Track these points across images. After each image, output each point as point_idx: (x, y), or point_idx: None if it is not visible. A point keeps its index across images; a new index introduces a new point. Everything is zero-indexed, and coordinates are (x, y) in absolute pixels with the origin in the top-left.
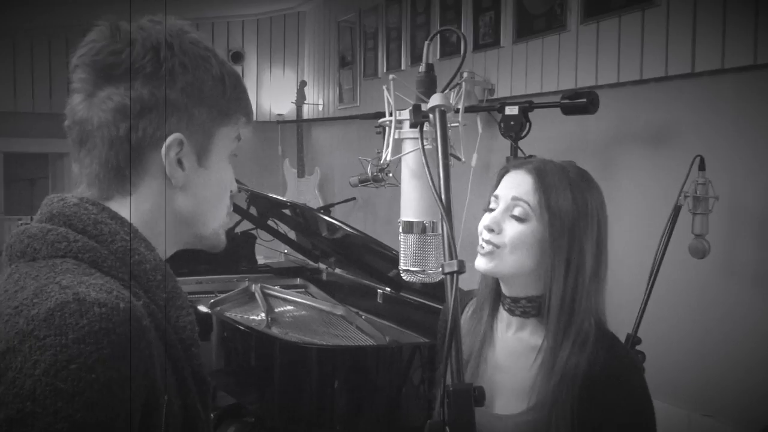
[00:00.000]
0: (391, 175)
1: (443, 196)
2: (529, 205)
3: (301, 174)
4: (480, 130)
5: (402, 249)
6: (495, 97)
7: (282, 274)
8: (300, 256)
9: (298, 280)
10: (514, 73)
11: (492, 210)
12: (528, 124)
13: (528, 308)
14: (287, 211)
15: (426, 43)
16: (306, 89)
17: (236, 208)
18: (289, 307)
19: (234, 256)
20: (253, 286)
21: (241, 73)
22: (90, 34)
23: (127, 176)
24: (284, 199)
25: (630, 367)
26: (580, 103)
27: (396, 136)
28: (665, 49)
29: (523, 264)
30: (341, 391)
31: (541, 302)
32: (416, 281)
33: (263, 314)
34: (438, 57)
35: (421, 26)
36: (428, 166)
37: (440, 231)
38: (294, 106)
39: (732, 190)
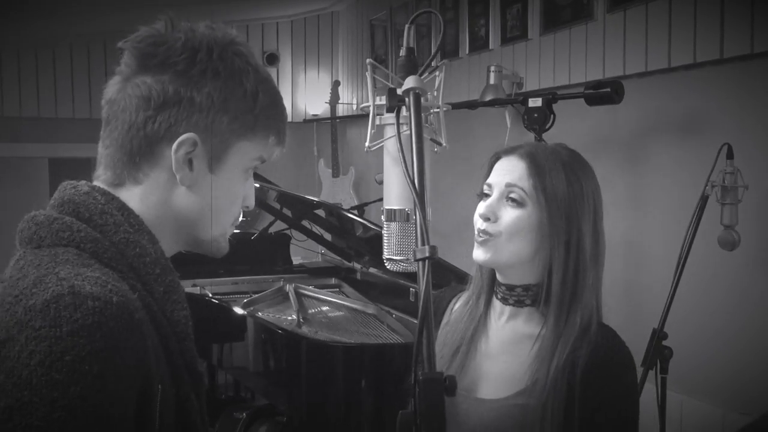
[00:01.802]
0: None
1: (416, 182)
2: (524, 190)
3: (335, 174)
4: (509, 124)
5: (385, 237)
6: (523, 90)
7: (317, 273)
8: (335, 256)
9: (333, 280)
10: (542, 65)
11: (487, 196)
12: (552, 116)
13: (523, 297)
14: (319, 212)
15: (406, 26)
16: (340, 89)
17: (269, 209)
18: (324, 308)
19: (269, 256)
20: (288, 285)
21: (276, 74)
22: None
23: (139, 165)
24: (314, 198)
25: (628, 358)
26: (604, 92)
27: (378, 122)
28: (693, 35)
29: (521, 251)
30: (368, 389)
31: (538, 291)
32: (399, 270)
33: (295, 314)
34: (467, 52)
35: (449, 22)
36: (402, 152)
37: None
38: (328, 106)
39: (762, 178)
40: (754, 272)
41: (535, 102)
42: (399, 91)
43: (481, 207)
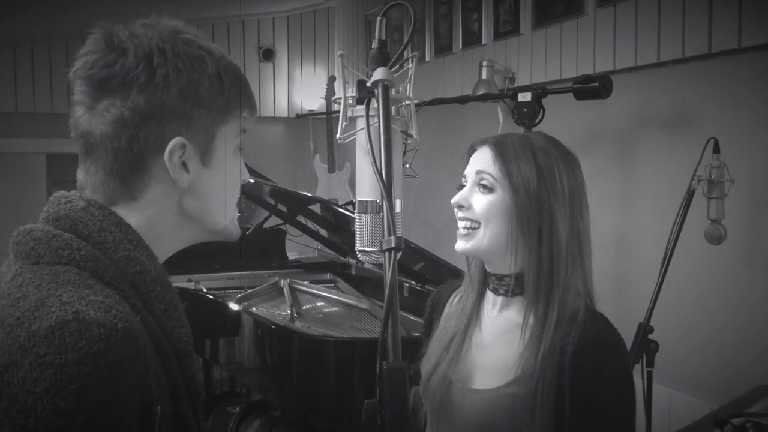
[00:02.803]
0: (408, 166)
1: (384, 173)
2: (492, 175)
3: (331, 169)
4: (501, 119)
5: (357, 229)
6: (516, 85)
7: (312, 269)
8: (330, 251)
9: (328, 275)
10: (533, 60)
11: (464, 187)
12: (541, 110)
13: (513, 286)
14: (315, 207)
15: (378, 18)
16: (335, 84)
17: (265, 204)
18: (319, 303)
19: (264, 251)
20: (282, 281)
21: (273, 70)
22: (85, 44)
23: (133, 184)
24: (309, 194)
25: (618, 341)
26: (592, 87)
27: (350, 114)
28: (682, 30)
29: (498, 237)
30: (360, 383)
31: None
32: (371, 261)
33: (289, 309)
34: (461, 47)
35: (444, 16)
36: (371, 143)
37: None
38: (324, 102)
39: (749, 173)
40: (740, 266)
41: (524, 97)
42: (369, 83)
43: (455, 196)
